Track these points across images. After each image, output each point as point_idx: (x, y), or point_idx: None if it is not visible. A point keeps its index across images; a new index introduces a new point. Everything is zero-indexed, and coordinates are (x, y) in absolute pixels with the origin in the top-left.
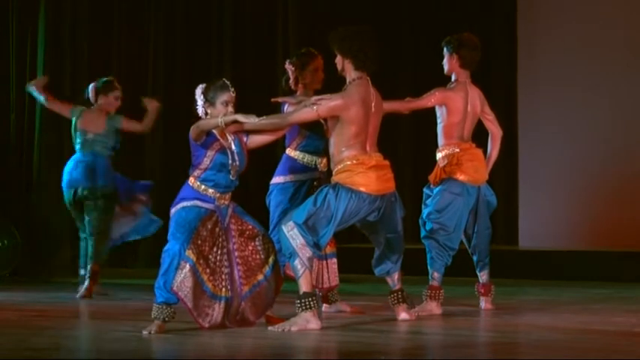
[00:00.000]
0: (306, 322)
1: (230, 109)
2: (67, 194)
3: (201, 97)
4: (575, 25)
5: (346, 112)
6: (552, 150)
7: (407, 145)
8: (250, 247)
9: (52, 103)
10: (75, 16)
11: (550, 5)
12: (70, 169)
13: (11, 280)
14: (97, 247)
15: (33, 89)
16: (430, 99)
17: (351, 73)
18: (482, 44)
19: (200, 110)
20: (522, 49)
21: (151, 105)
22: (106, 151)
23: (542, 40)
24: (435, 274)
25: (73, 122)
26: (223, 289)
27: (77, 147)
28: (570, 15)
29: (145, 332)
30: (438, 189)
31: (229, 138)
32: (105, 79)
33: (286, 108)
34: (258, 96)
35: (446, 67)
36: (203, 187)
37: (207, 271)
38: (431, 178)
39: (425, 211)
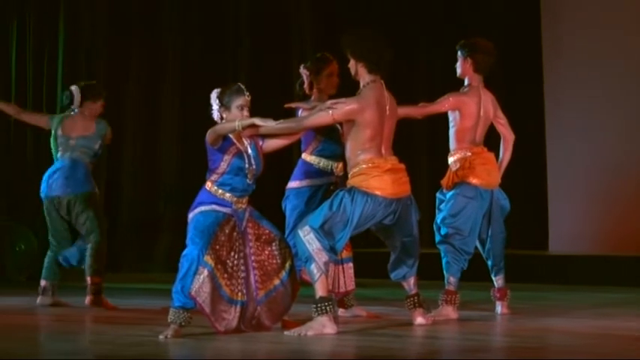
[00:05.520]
0: (322, 326)
1: (245, 112)
2: (47, 204)
3: (217, 101)
4: (602, 27)
5: (361, 115)
6: (581, 153)
7: (422, 149)
8: (267, 252)
9: (25, 115)
10: (93, 21)
11: (574, 6)
12: (48, 178)
13: (28, 285)
14: (95, 257)
15: None
16: (444, 104)
17: (364, 77)
18: (507, 48)
19: (215, 115)
20: (547, 52)
21: None
22: (86, 157)
23: (568, 43)
24: (451, 279)
25: (54, 131)
26: (239, 294)
27: (58, 154)
28: (596, 16)
29: (161, 337)
30: (451, 193)
31: (245, 142)
32: (89, 83)
33: (300, 113)
34: (273, 100)
35: (459, 71)
36: (220, 191)
37: (225, 275)
38: (443, 182)
39: (439, 216)
